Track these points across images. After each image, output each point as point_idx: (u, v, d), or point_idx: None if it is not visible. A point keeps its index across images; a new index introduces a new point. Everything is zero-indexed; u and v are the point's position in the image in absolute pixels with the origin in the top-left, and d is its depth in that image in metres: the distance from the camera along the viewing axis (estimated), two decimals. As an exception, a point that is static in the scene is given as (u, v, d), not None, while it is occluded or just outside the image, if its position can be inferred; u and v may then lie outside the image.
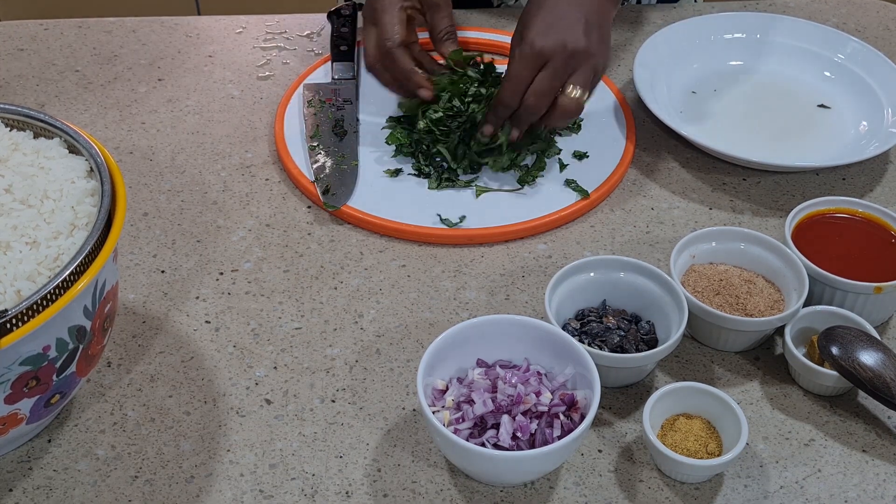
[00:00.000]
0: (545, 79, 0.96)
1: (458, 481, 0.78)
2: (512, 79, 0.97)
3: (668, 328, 0.84)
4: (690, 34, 1.19)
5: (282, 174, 1.05)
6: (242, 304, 0.91)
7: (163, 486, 0.77)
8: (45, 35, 1.24)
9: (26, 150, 0.77)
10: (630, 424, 0.82)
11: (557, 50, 0.95)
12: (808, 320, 0.86)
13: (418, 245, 0.97)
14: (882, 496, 0.77)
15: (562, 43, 0.95)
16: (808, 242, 0.90)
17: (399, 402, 0.83)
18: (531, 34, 0.96)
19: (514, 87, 0.97)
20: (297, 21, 1.27)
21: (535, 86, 0.96)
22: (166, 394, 0.84)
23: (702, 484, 0.77)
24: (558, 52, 0.95)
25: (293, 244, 0.97)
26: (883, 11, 1.31)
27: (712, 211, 1.01)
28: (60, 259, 0.71)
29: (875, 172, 1.06)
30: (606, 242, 0.98)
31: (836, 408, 0.83)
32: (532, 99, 0.97)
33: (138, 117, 1.12)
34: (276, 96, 1.15)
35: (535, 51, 0.96)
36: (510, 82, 0.97)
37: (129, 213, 1.00)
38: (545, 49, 0.95)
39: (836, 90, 1.15)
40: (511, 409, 0.76)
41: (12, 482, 0.77)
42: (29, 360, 0.68)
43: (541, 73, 0.96)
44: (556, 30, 0.96)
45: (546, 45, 0.95)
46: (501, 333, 0.81)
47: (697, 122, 1.11)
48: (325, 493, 0.77)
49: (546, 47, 0.95)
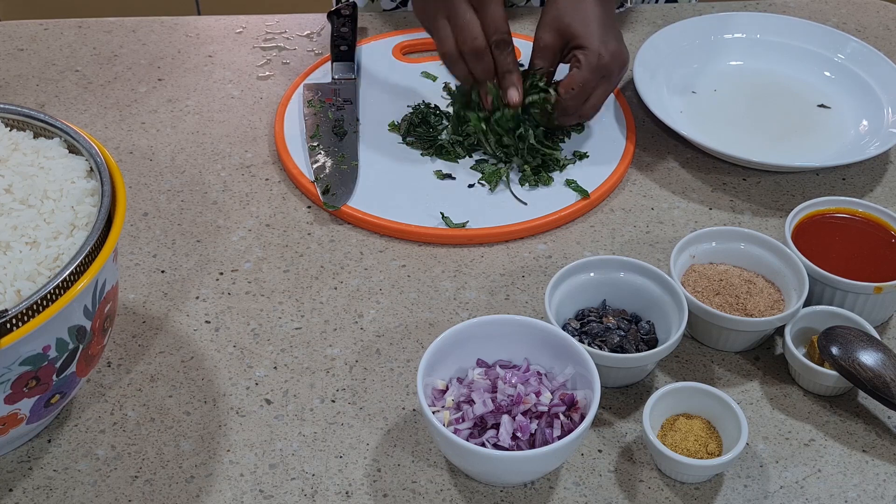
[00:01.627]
0: (604, 92, 1.02)
1: (458, 481, 0.78)
2: (581, 87, 1.00)
3: (668, 328, 0.84)
4: (690, 34, 1.19)
5: (282, 174, 1.05)
6: (242, 304, 0.91)
7: (163, 486, 0.77)
8: (45, 35, 1.24)
9: (26, 150, 0.77)
10: (630, 424, 0.82)
11: (618, 62, 1.01)
12: (808, 320, 0.86)
13: (418, 245, 0.97)
14: (882, 496, 0.77)
15: (620, 56, 1.01)
16: (808, 242, 0.90)
17: (399, 402, 0.83)
18: (596, 43, 0.99)
19: (581, 95, 1.01)
20: (297, 21, 1.27)
21: (596, 98, 1.02)
22: (166, 394, 0.84)
23: (702, 484, 0.77)
24: (618, 65, 1.01)
25: (293, 244, 0.97)
26: (883, 11, 1.31)
27: (712, 211, 1.01)
28: (60, 259, 0.71)
29: (875, 172, 1.06)
30: (606, 242, 0.98)
31: (836, 408, 0.83)
32: (591, 112, 1.03)
33: (138, 117, 1.12)
34: (276, 96, 1.15)
35: (603, 63, 1.00)
36: (580, 90, 1.01)
37: (129, 213, 1.00)
38: (611, 61, 1.00)
39: (836, 90, 1.15)
40: (511, 409, 0.76)
41: (12, 482, 0.77)
42: (29, 360, 0.68)
43: (600, 84, 1.01)
44: (609, 38, 1.01)
45: (611, 56, 1.00)
46: (501, 333, 0.81)
47: (697, 122, 1.11)
48: (325, 493, 0.77)
49: (611, 63, 1.00)
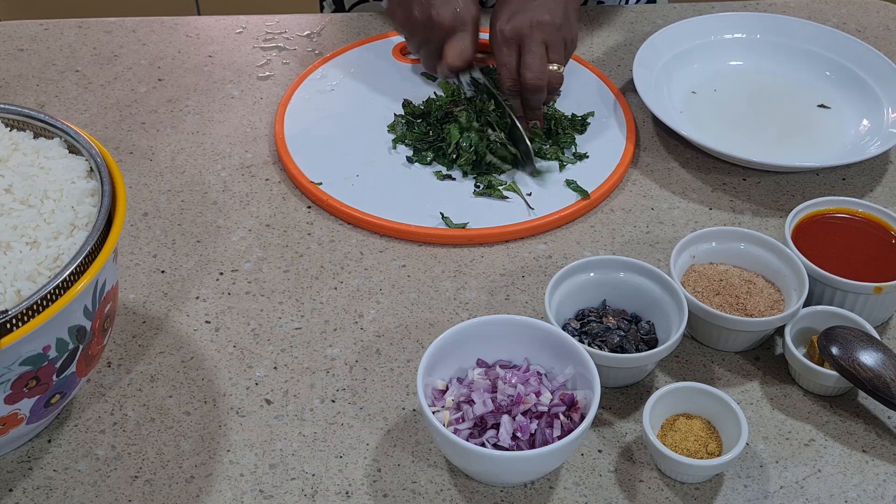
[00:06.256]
0: (529, 55, 1.04)
1: (458, 481, 0.78)
2: (502, 66, 1.05)
3: (668, 328, 0.84)
4: (690, 34, 1.19)
5: (282, 174, 1.05)
6: (242, 304, 0.91)
7: (163, 486, 0.77)
8: (45, 35, 1.24)
9: (26, 150, 0.77)
10: (630, 424, 0.82)
11: (526, 26, 1.04)
12: (808, 320, 0.86)
13: (418, 245, 0.97)
14: (882, 496, 0.77)
15: (528, 20, 1.04)
16: (808, 242, 0.90)
17: (399, 402, 0.83)
18: (499, 23, 1.06)
19: (508, 72, 1.05)
20: (297, 21, 1.27)
21: (525, 63, 1.04)
22: (166, 394, 0.84)
23: (702, 484, 0.77)
24: (528, 28, 1.04)
25: (293, 244, 0.97)
26: (883, 11, 1.31)
27: (712, 211, 1.01)
28: (60, 259, 0.70)
29: (875, 172, 1.06)
30: (606, 242, 0.98)
31: (836, 408, 0.83)
32: (529, 75, 1.03)
33: (138, 117, 1.12)
34: (276, 96, 1.15)
35: (506, 35, 1.04)
36: (503, 69, 1.05)
37: (129, 213, 1.00)
38: (516, 28, 1.04)
39: (836, 90, 1.15)
40: (511, 409, 0.76)
41: (12, 482, 0.77)
42: (29, 360, 0.68)
43: (523, 52, 1.04)
44: (521, 12, 1.05)
45: (515, 25, 1.04)
46: (501, 333, 0.81)
47: (697, 122, 1.11)
48: (325, 493, 0.77)
49: (516, 26, 1.04)
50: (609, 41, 1.25)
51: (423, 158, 1.05)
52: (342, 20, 1.28)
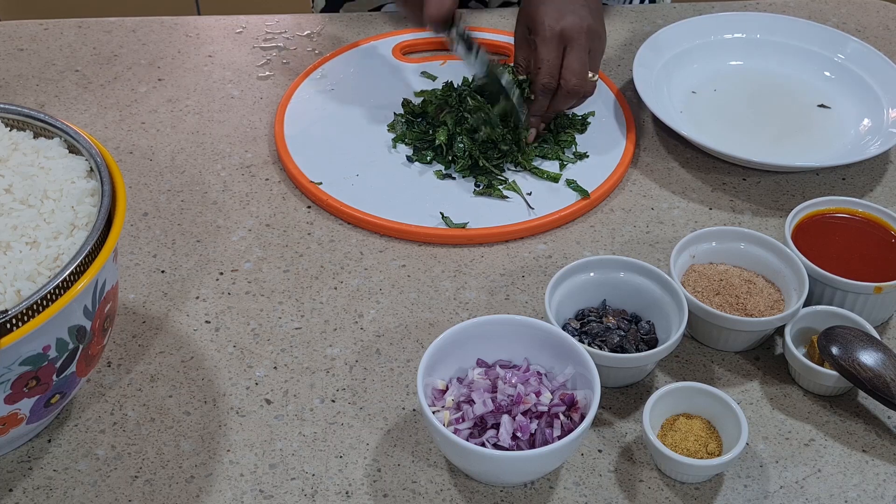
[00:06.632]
0: (575, 58, 1.01)
1: (458, 481, 0.78)
2: (545, 62, 1.01)
3: (668, 328, 0.84)
4: (690, 34, 1.19)
5: (282, 174, 1.05)
6: (242, 304, 0.91)
7: (163, 486, 0.77)
8: (45, 35, 1.24)
9: (26, 150, 0.77)
10: (630, 424, 0.82)
11: (576, 29, 1.01)
12: (808, 320, 0.86)
13: (418, 245, 0.97)
14: (882, 496, 0.77)
15: (578, 23, 1.01)
16: (808, 242, 0.90)
17: (399, 402, 0.83)
18: (548, 19, 1.01)
19: (550, 69, 1.02)
20: (297, 21, 1.27)
21: (569, 66, 1.01)
22: (166, 394, 0.84)
23: (702, 484, 0.77)
24: (578, 30, 1.01)
25: (293, 244, 0.97)
26: (883, 11, 1.31)
27: (712, 211, 1.01)
28: (60, 259, 0.70)
29: (875, 172, 1.06)
30: (606, 242, 0.98)
31: (836, 408, 0.83)
32: (574, 80, 1.01)
33: (138, 117, 1.12)
34: (276, 96, 1.15)
35: (556, 32, 1.01)
36: (544, 64, 1.01)
37: (129, 213, 1.00)
38: (566, 29, 1.01)
39: (836, 90, 1.15)
40: (511, 409, 0.76)
41: (12, 482, 0.77)
42: (29, 360, 0.68)
43: (567, 53, 1.01)
44: (568, 12, 1.02)
45: (566, 25, 1.01)
46: (501, 333, 0.81)
47: (697, 122, 1.11)
48: (325, 493, 0.77)
49: (566, 27, 1.01)
50: (609, 41, 1.24)
51: (423, 158, 1.05)
52: (342, 20, 1.28)
